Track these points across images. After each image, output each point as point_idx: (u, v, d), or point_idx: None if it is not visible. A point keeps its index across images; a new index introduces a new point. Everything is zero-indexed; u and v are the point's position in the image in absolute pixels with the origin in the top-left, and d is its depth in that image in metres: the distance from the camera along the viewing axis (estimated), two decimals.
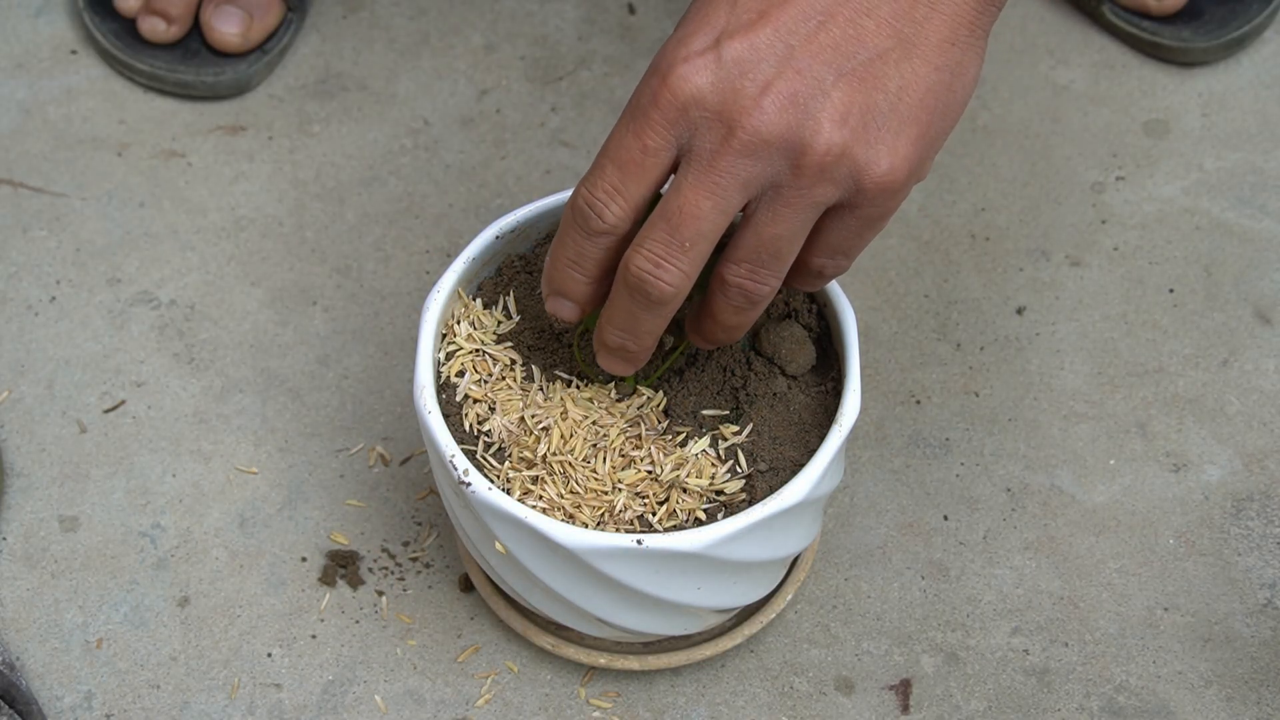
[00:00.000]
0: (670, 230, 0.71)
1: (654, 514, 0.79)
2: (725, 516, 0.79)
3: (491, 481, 0.79)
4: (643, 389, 0.82)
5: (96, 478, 0.96)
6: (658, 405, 0.82)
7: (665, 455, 0.80)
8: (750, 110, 0.69)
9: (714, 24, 0.70)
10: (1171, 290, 1.04)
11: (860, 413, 0.82)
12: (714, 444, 0.81)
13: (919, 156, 0.71)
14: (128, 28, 1.12)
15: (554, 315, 0.77)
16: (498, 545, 0.79)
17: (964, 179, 1.08)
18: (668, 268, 0.71)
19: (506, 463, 0.80)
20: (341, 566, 0.94)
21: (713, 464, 0.80)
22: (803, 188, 0.70)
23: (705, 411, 0.82)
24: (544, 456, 0.80)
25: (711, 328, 0.76)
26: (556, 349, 0.83)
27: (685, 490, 0.79)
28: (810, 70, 0.69)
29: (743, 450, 0.81)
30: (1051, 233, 1.06)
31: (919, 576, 0.94)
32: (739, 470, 0.80)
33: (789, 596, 0.90)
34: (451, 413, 0.82)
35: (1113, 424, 0.99)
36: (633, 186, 0.71)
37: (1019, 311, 1.03)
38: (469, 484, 0.78)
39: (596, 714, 0.90)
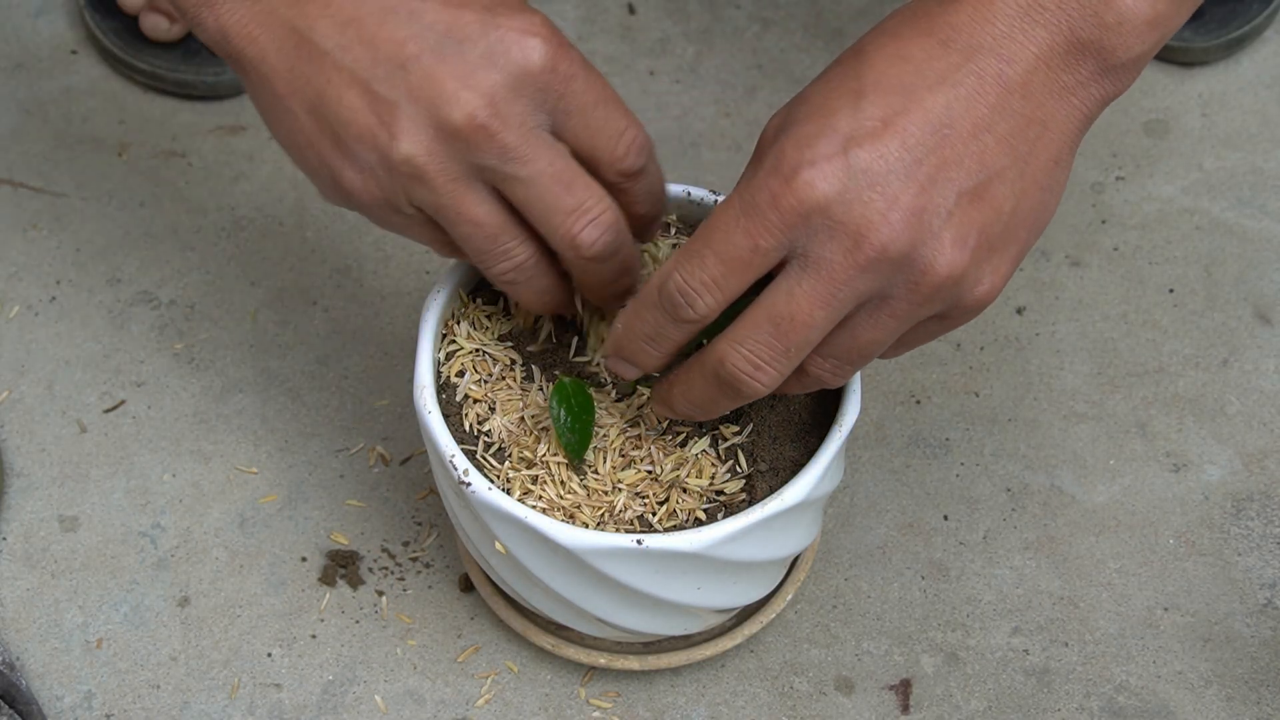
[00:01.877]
0: (778, 335, 0.69)
1: (654, 514, 0.79)
2: (725, 516, 0.79)
3: (491, 481, 0.79)
4: (643, 389, 0.82)
5: (96, 478, 0.97)
6: None
7: (665, 455, 0.80)
8: (878, 225, 0.67)
9: (838, 127, 0.68)
10: (1171, 290, 1.04)
11: (860, 413, 0.82)
12: (714, 444, 0.81)
13: (1011, 274, 0.71)
14: (129, 26, 1.12)
15: (614, 374, 0.78)
16: (498, 545, 0.80)
17: None
18: (767, 371, 0.70)
19: (506, 463, 0.80)
20: (341, 566, 0.94)
21: (713, 464, 0.80)
22: (914, 304, 0.69)
23: None
24: (544, 456, 0.80)
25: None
26: (556, 349, 0.83)
27: (685, 490, 0.79)
28: (934, 187, 0.67)
29: (743, 450, 0.81)
30: (1051, 233, 1.06)
31: (919, 576, 0.94)
32: (739, 470, 0.80)
33: (789, 596, 0.90)
34: (451, 413, 0.82)
35: (1113, 424, 0.99)
36: (733, 283, 0.69)
37: (1019, 311, 1.03)
38: (469, 484, 0.78)
39: (596, 714, 0.90)
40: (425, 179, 0.72)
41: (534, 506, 0.78)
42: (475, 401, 0.82)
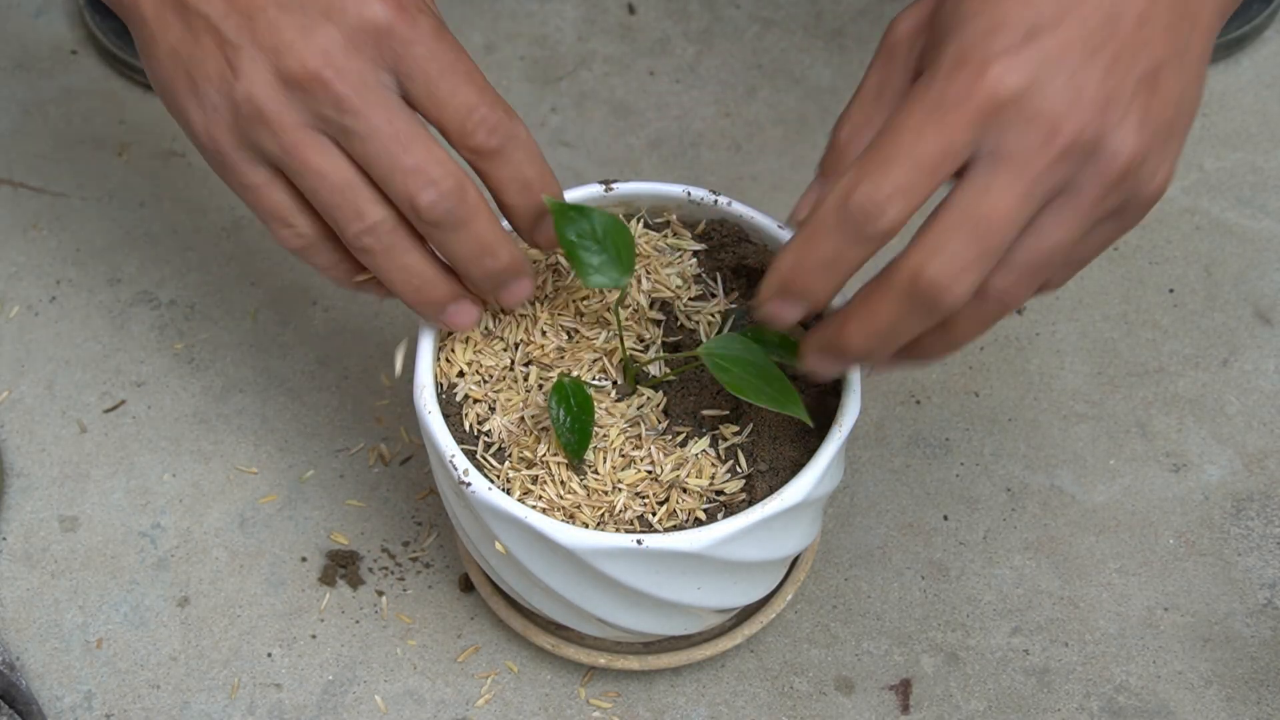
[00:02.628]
0: (977, 236, 0.66)
1: (654, 514, 0.79)
2: (725, 516, 0.79)
3: (491, 481, 0.79)
4: (643, 389, 0.82)
5: (96, 478, 0.97)
6: (658, 405, 0.82)
7: (665, 455, 0.80)
8: (1071, 113, 0.65)
9: (1016, 19, 0.66)
10: (1171, 290, 1.04)
11: (860, 413, 0.82)
12: (714, 444, 0.81)
13: (1175, 166, 0.69)
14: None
15: (773, 318, 0.72)
16: (498, 545, 0.80)
17: None
18: (967, 279, 0.66)
19: (506, 463, 0.80)
20: (341, 566, 0.94)
21: (713, 464, 0.80)
22: (1101, 194, 0.67)
23: (705, 411, 0.82)
24: (544, 456, 0.80)
25: (937, 343, 0.71)
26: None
27: (685, 490, 0.79)
28: (1115, 73, 0.66)
29: (743, 450, 0.81)
30: None
31: (919, 576, 0.94)
32: (739, 470, 0.80)
33: (789, 596, 0.90)
34: (451, 413, 0.82)
35: (1113, 424, 0.99)
36: (922, 189, 0.66)
37: (1019, 311, 1.03)
38: (469, 484, 0.78)
39: (596, 714, 0.90)
40: (266, 120, 0.73)
41: (534, 506, 0.78)
42: (475, 401, 0.82)
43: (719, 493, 0.80)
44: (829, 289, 0.70)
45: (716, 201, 0.86)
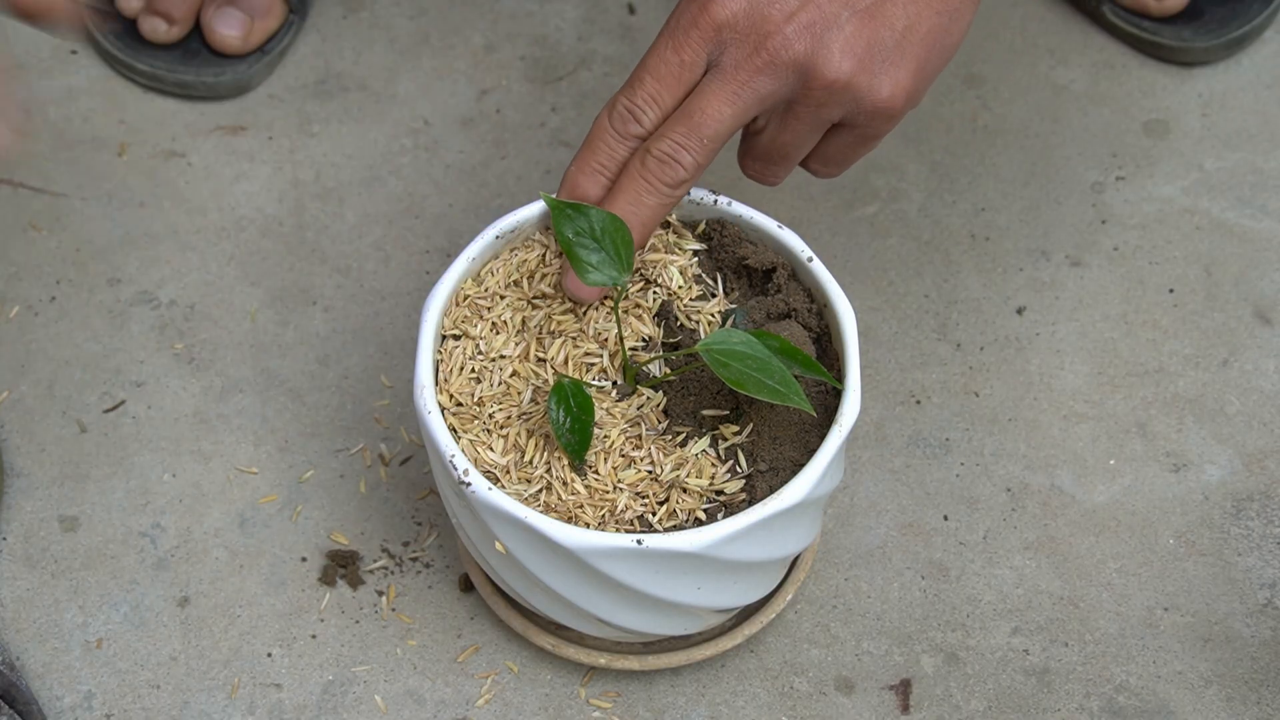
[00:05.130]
0: (691, 127, 0.80)
1: (654, 514, 0.79)
2: (725, 516, 0.79)
3: (491, 482, 0.79)
4: (643, 389, 0.82)
5: (96, 478, 0.97)
6: (658, 405, 0.82)
7: (665, 455, 0.80)
8: (774, 34, 0.79)
9: None
10: (1171, 290, 1.04)
11: (860, 413, 0.82)
12: (714, 444, 0.81)
13: (915, 87, 0.82)
14: (128, 28, 1.12)
15: (561, 196, 0.83)
16: (498, 545, 0.80)
17: (964, 179, 1.08)
18: (685, 155, 0.81)
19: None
20: (341, 566, 0.94)
21: (713, 464, 0.80)
22: (810, 105, 0.81)
23: (705, 411, 0.82)
24: (544, 457, 0.80)
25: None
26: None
27: (685, 490, 0.79)
28: (828, 6, 0.79)
29: (743, 450, 0.81)
30: (1051, 233, 1.06)
31: (919, 576, 0.94)
32: (739, 470, 0.80)
33: (789, 596, 0.90)
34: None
35: (1113, 424, 0.99)
36: (667, 96, 0.81)
37: (1019, 311, 1.03)
38: (469, 484, 0.78)
39: (596, 714, 0.90)
40: None
41: (534, 506, 0.78)
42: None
43: (719, 493, 0.80)
44: (600, 185, 0.83)
45: (716, 201, 0.86)
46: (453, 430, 0.81)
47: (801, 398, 0.77)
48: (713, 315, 0.84)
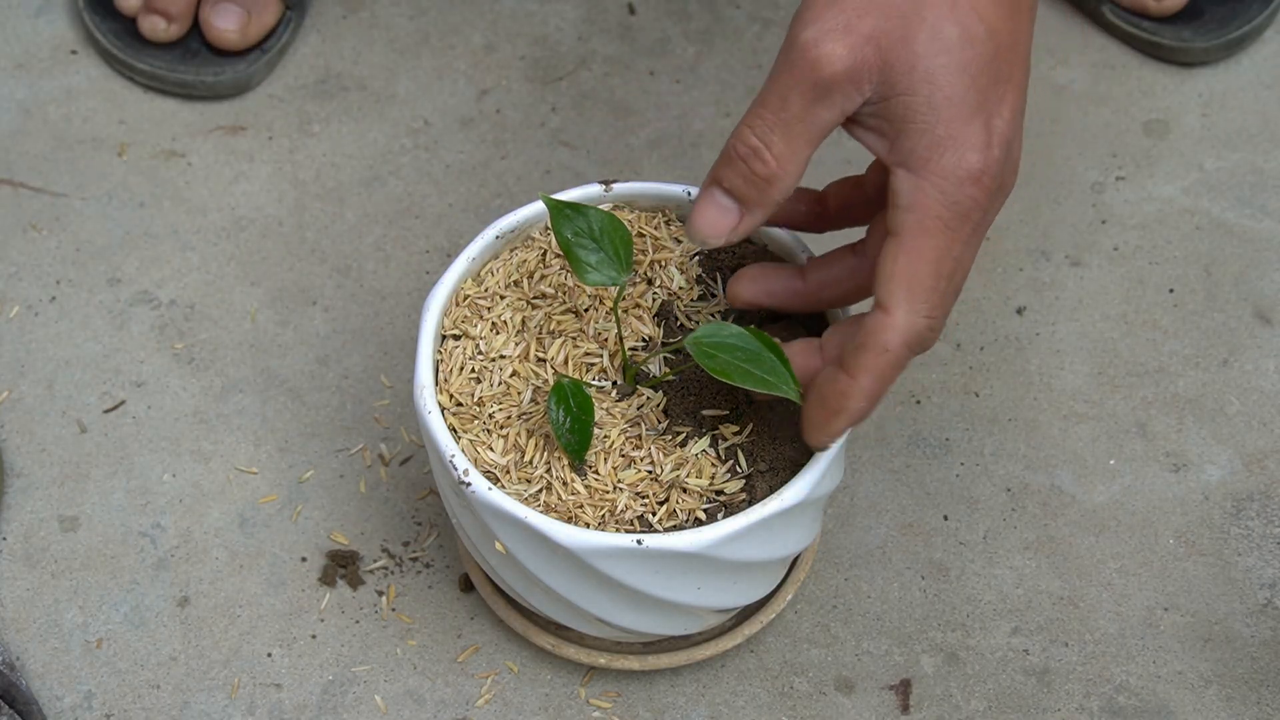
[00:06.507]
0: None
1: (654, 514, 0.79)
2: (725, 516, 0.79)
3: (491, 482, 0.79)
4: (643, 389, 0.82)
5: (96, 478, 0.97)
6: (658, 405, 0.82)
7: (665, 455, 0.80)
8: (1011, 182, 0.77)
9: (984, 128, 0.75)
10: (1171, 290, 1.04)
11: None
12: (714, 444, 0.81)
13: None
14: (128, 27, 1.12)
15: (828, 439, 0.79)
16: (498, 545, 0.79)
17: None
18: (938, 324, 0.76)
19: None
20: (341, 566, 0.94)
21: (713, 464, 0.80)
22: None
23: (705, 411, 0.82)
24: (544, 457, 0.80)
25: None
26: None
27: (685, 490, 0.79)
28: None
29: (743, 450, 0.81)
30: (1051, 233, 1.06)
31: (919, 576, 0.94)
32: (739, 470, 0.80)
33: (789, 596, 0.90)
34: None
35: (1113, 424, 0.99)
36: (947, 305, 0.76)
37: (1019, 311, 1.03)
38: (469, 484, 0.78)
39: (596, 714, 0.90)
40: None
41: (534, 506, 0.78)
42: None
43: (719, 493, 0.80)
44: (871, 406, 0.76)
45: None
46: (453, 430, 0.81)
47: (790, 386, 0.76)
48: (713, 315, 0.84)
